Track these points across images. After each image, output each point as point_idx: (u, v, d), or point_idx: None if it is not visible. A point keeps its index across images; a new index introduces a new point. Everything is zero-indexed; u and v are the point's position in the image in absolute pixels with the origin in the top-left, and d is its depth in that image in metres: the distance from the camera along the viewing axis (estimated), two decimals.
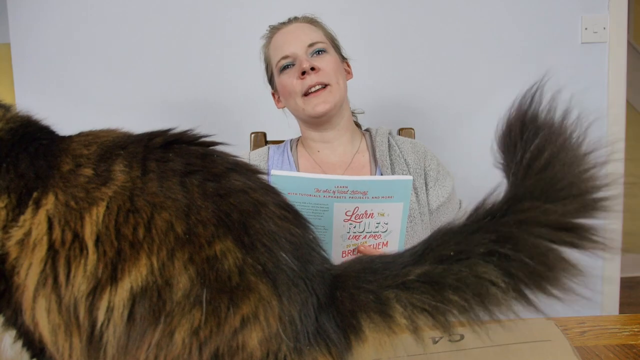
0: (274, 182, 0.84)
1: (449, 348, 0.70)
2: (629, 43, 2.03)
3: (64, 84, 1.84)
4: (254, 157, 1.22)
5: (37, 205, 0.52)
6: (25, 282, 0.51)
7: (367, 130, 1.29)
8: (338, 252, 0.93)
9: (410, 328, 0.48)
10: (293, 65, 1.14)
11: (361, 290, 0.50)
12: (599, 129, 1.82)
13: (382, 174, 1.14)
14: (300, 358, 0.48)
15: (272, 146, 1.27)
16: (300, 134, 1.27)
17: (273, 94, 1.27)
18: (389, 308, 0.49)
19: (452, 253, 0.48)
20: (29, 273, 0.51)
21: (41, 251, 0.50)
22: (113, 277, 0.48)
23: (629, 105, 2.84)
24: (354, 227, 0.90)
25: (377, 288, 0.50)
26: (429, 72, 1.89)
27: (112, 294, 0.48)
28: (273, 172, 0.84)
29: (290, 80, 1.13)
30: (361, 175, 1.18)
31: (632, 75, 2.15)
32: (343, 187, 0.85)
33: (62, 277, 0.50)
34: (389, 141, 1.20)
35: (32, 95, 1.84)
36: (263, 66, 1.26)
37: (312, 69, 1.11)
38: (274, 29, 1.21)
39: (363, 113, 1.32)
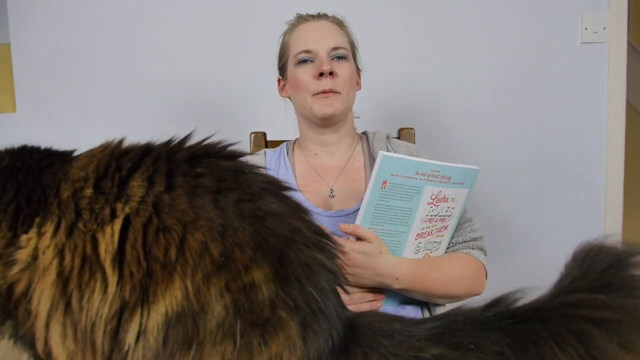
0: (383, 162, 0.87)
1: None
2: (629, 43, 2.03)
3: (64, 84, 1.84)
4: (252, 163, 1.21)
5: (40, 231, 0.50)
6: (38, 309, 0.49)
7: (363, 133, 1.28)
8: (413, 235, 0.97)
9: None
10: (312, 61, 1.13)
11: (374, 352, 0.50)
12: (599, 129, 1.83)
13: None
14: None
15: (268, 150, 1.26)
16: (299, 134, 1.26)
17: (279, 81, 1.25)
18: None
19: (472, 346, 0.49)
20: (41, 299, 0.49)
21: (51, 278, 0.49)
22: (144, 299, 0.46)
23: (629, 105, 2.83)
24: (432, 210, 0.96)
25: (390, 355, 0.50)
26: (429, 72, 1.89)
27: (144, 317, 0.46)
28: (384, 153, 0.88)
29: (305, 76, 1.12)
30: (355, 178, 1.18)
31: (632, 75, 2.14)
32: (436, 171, 0.91)
33: (75, 303, 0.48)
34: (386, 147, 1.20)
35: (32, 95, 1.84)
36: (277, 51, 1.24)
37: (331, 73, 1.10)
38: (301, 19, 1.19)
39: (358, 118, 1.32)
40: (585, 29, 1.87)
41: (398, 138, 1.41)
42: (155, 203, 0.49)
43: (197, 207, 0.49)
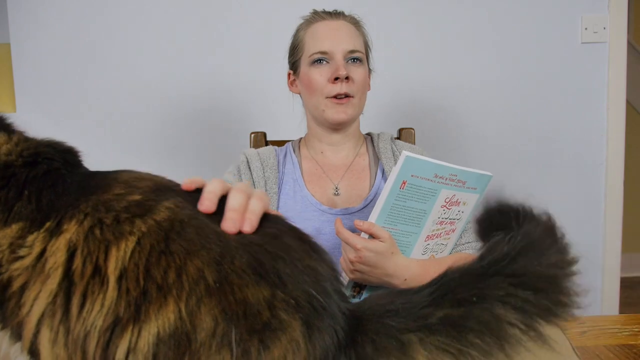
0: (405, 162, 0.87)
1: None
2: (629, 43, 2.03)
3: (64, 84, 1.84)
4: (262, 151, 1.21)
5: (57, 230, 0.51)
6: (31, 310, 0.49)
7: (368, 134, 1.29)
8: (424, 236, 0.98)
9: None
10: (327, 62, 1.12)
11: (382, 335, 0.50)
12: (599, 129, 1.83)
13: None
14: None
15: (275, 147, 1.27)
16: (307, 131, 1.26)
17: (289, 75, 1.24)
18: (413, 351, 0.49)
19: (474, 299, 0.49)
20: (36, 302, 0.49)
21: (54, 282, 0.49)
22: (136, 317, 0.47)
23: (629, 105, 2.84)
24: (444, 213, 0.96)
25: (398, 332, 0.50)
26: (429, 72, 1.89)
27: (134, 335, 0.47)
28: (407, 153, 0.87)
29: (320, 78, 1.12)
30: (361, 178, 1.19)
31: (632, 75, 2.15)
32: (454, 175, 0.91)
33: (74, 310, 0.48)
34: (391, 148, 1.20)
35: (32, 95, 1.84)
36: (289, 42, 1.22)
37: (347, 78, 1.10)
38: (318, 16, 1.18)
39: (362, 114, 1.32)
40: (585, 29, 1.87)
41: (398, 138, 1.42)
42: (168, 229, 0.50)
43: (202, 237, 0.50)
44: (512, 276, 0.50)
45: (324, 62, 1.12)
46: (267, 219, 0.55)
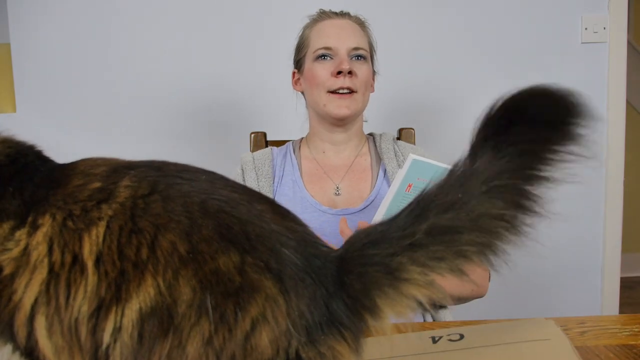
0: (412, 165, 0.88)
1: (448, 347, 0.70)
2: (629, 43, 2.03)
3: (64, 84, 1.84)
4: (258, 157, 1.21)
5: (34, 225, 0.52)
6: (24, 295, 0.50)
7: (370, 134, 1.29)
8: None
9: (426, 284, 0.50)
10: (331, 58, 1.14)
11: (367, 267, 0.50)
12: (599, 129, 1.82)
13: (389, 182, 1.14)
14: (314, 349, 0.48)
15: (274, 148, 1.27)
16: (309, 130, 1.26)
17: (293, 74, 1.25)
18: (405, 272, 0.49)
19: (460, 195, 0.48)
20: (27, 291, 0.50)
21: (43, 272, 0.50)
22: (118, 297, 0.48)
23: (629, 105, 2.84)
24: None
25: (385, 259, 0.50)
26: (429, 72, 1.89)
27: (118, 314, 0.48)
28: (414, 156, 0.88)
29: (323, 73, 1.13)
30: (362, 178, 1.19)
31: (632, 75, 2.15)
32: None
33: (62, 299, 0.50)
34: (393, 149, 1.21)
35: (32, 95, 1.84)
36: (295, 42, 1.23)
37: (350, 72, 1.11)
38: (324, 15, 1.19)
39: (366, 122, 1.33)
40: (585, 29, 1.87)
41: (399, 138, 1.42)
42: (132, 207, 0.51)
43: (169, 211, 0.51)
44: (493, 170, 0.49)
45: (328, 58, 1.14)
46: (240, 192, 0.56)
